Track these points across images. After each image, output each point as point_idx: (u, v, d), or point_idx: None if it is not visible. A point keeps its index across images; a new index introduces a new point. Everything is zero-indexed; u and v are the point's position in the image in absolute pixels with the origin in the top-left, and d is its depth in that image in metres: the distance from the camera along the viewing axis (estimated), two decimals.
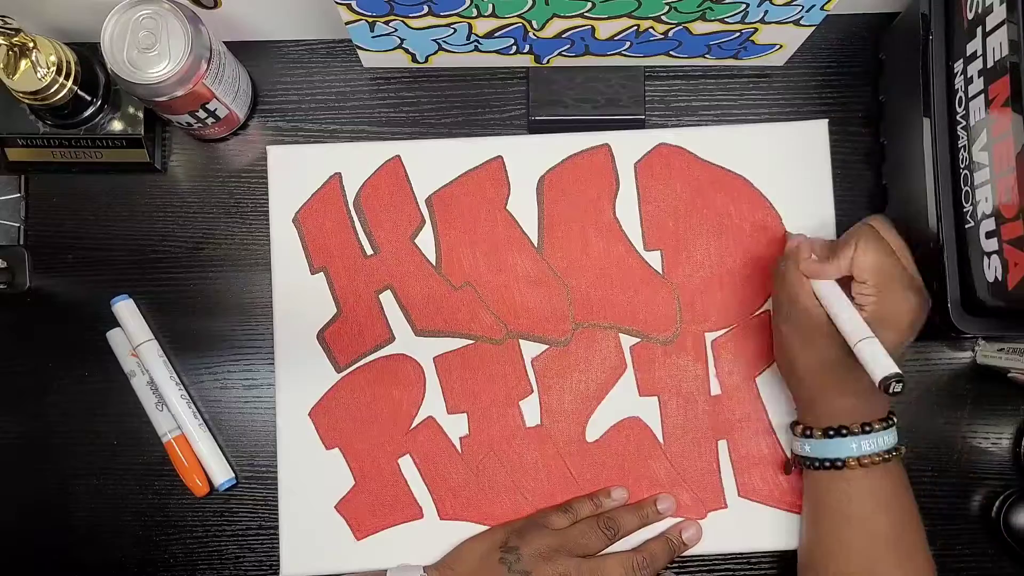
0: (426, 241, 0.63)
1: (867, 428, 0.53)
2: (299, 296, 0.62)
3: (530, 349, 0.62)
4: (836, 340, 0.52)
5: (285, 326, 0.62)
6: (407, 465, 0.61)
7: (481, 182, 0.63)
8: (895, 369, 0.47)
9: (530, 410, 0.61)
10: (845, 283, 0.53)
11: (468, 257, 0.62)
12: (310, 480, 0.61)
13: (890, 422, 0.54)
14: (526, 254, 0.62)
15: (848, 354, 0.51)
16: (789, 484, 0.61)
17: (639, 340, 0.62)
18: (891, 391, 0.47)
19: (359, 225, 0.63)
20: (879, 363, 0.48)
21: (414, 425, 0.61)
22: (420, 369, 0.62)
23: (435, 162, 0.63)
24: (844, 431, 0.53)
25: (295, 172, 0.63)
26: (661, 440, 0.61)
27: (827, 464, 0.54)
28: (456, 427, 0.61)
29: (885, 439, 0.54)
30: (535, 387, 0.62)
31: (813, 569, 0.56)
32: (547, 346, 0.62)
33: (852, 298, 0.52)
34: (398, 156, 0.63)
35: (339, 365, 0.62)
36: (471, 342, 0.62)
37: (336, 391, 0.62)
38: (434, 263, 0.62)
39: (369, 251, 0.63)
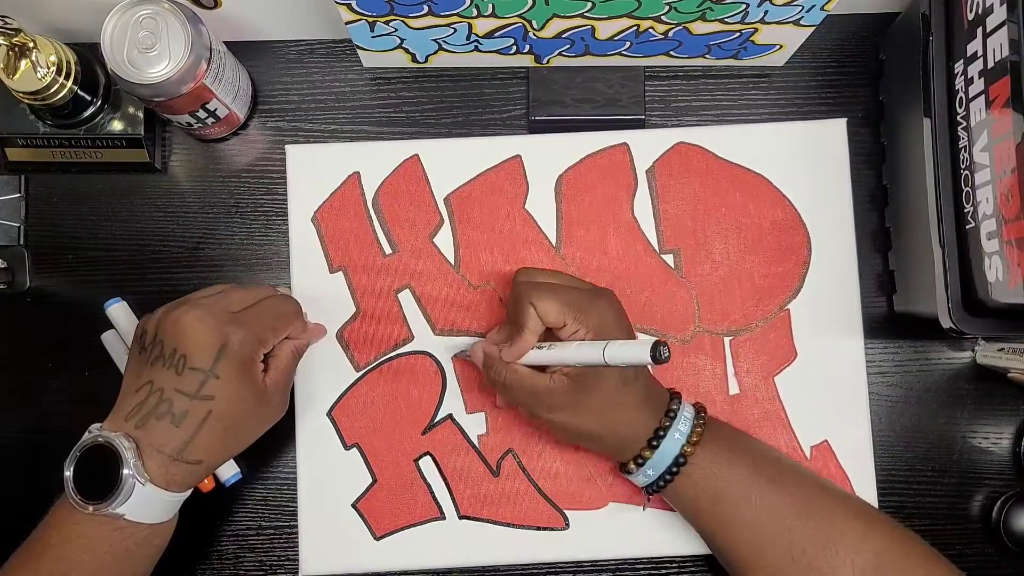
0: (445, 240, 0.62)
1: (671, 413, 0.53)
2: (318, 295, 0.62)
3: None
4: (587, 382, 0.52)
5: None
6: (426, 464, 0.61)
7: (499, 181, 0.63)
8: (650, 340, 0.45)
9: None
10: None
11: (486, 256, 0.62)
12: (329, 479, 0.61)
13: (675, 394, 0.55)
14: (544, 253, 0.62)
15: (604, 380, 0.51)
16: None
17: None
18: (661, 356, 0.45)
19: (378, 224, 0.63)
20: (632, 349, 0.47)
21: (433, 424, 0.61)
22: (439, 368, 0.62)
23: (453, 161, 0.63)
24: (660, 432, 0.53)
25: (313, 171, 0.63)
26: None
27: (675, 468, 0.53)
28: (475, 426, 0.61)
29: (687, 410, 0.54)
30: None
31: (761, 570, 0.53)
32: None
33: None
34: (416, 155, 0.63)
35: (358, 364, 0.62)
36: None
37: (355, 390, 0.62)
38: (453, 262, 0.62)
39: (388, 250, 0.63)
